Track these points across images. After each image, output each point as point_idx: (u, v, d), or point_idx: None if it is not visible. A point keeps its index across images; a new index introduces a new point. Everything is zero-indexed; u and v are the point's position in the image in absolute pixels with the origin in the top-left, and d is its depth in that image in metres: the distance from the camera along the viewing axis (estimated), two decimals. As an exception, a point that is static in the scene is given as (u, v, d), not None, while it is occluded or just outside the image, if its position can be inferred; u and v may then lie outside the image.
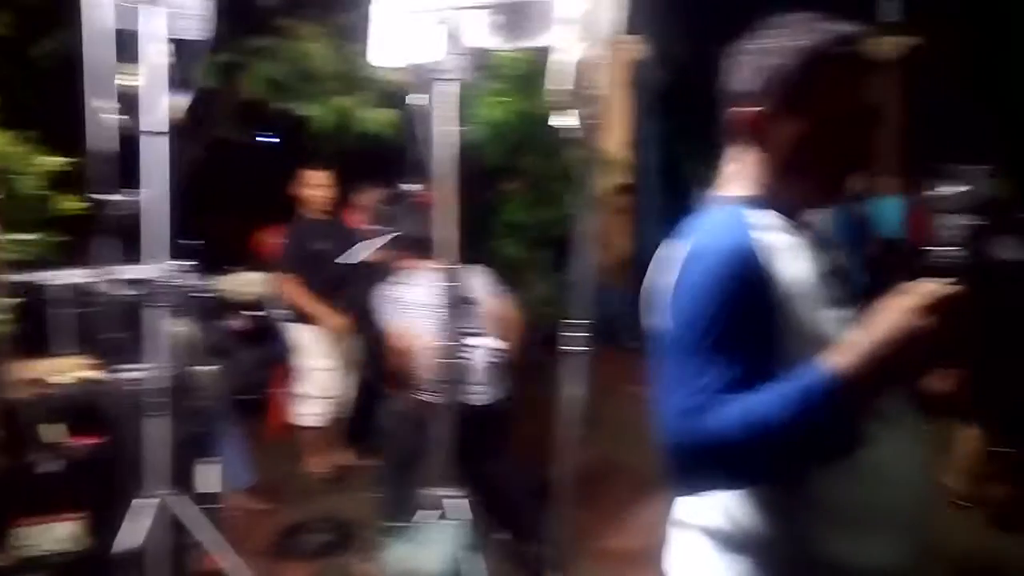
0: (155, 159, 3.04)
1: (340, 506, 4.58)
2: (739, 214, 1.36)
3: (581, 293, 2.62)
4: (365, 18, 3.04)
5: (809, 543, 1.30)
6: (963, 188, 1.19)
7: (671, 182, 9.85)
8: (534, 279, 6.51)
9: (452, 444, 2.83)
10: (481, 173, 6.95)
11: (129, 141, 3.00)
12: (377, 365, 4.16)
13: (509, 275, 7.01)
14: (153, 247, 3.07)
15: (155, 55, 3.06)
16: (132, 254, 3.10)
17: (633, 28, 9.00)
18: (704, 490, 1.34)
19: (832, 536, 1.30)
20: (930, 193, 1.23)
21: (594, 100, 2.50)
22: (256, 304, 5.87)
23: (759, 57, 1.39)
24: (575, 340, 2.64)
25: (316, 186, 5.13)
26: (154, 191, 3.03)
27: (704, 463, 1.21)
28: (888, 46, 10.28)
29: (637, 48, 9.40)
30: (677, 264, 1.33)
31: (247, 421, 4.84)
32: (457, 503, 2.84)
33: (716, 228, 1.35)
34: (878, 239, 7.28)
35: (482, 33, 2.86)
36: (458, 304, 2.90)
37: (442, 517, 2.84)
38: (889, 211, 7.64)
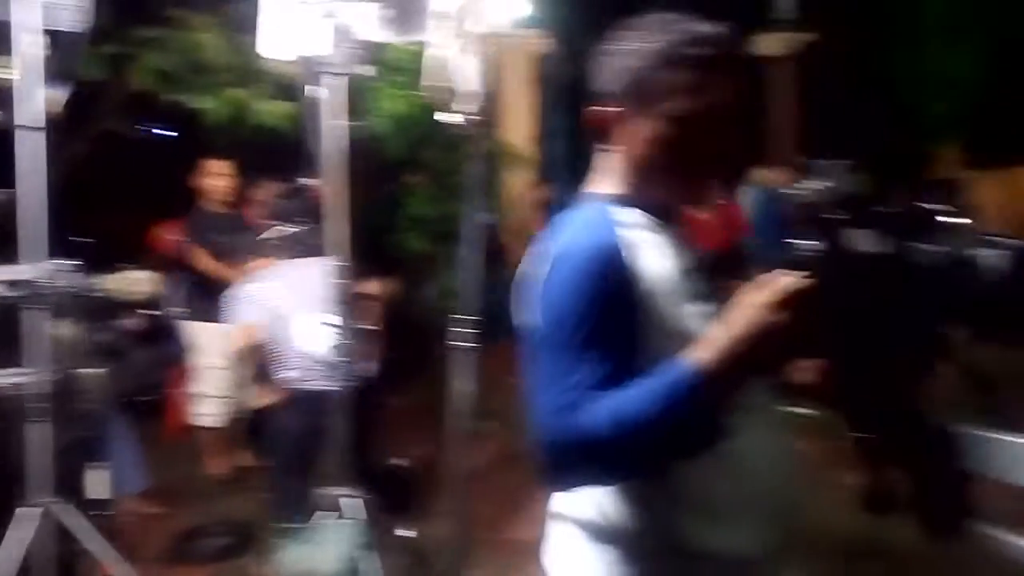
0: (31, 155, 2.92)
1: (239, 508, 4.49)
2: (606, 212, 1.39)
3: (468, 288, 2.63)
4: (256, 8, 2.98)
5: (674, 534, 1.33)
6: (825, 183, 1.23)
7: (579, 176, 9.93)
8: (438, 272, 6.50)
9: (340, 438, 2.81)
10: (384, 166, 6.91)
11: (3, 136, 2.87)
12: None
13: (414, 269, 7.02)
14: (31, 246, 2.95)
15: (30, 47, 2.93)
16: (10, 254, 2.97)
17: (538, 22, 9.07)
18: (579, 486, 1.36)
19: (697, 526, 1.33)
20: (794, 188, 1.26)
21: (478, 96, 2.49)
22: (151, 303, 5.70)
23: (616, 57, 1.40)
24: (463, 335, 2.64)
25: (216, 175, 5.03)
26: (30, 188, 2.91)
27: (577, 460, 1.23)
28: (781, 43, 10.57)
29: (542, 42, 9.45)
30: (545, 262, 1.35)
31: (143, 423, 4.70)
32: (353, 502, 2.82)
33: (582, 226, 1.37)
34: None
35: (372, 26, 2.83)
36: (334, 298, 2.86)
37: (339, 517, 2.82)
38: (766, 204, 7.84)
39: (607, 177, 1.46)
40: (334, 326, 2.87)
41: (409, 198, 7.29)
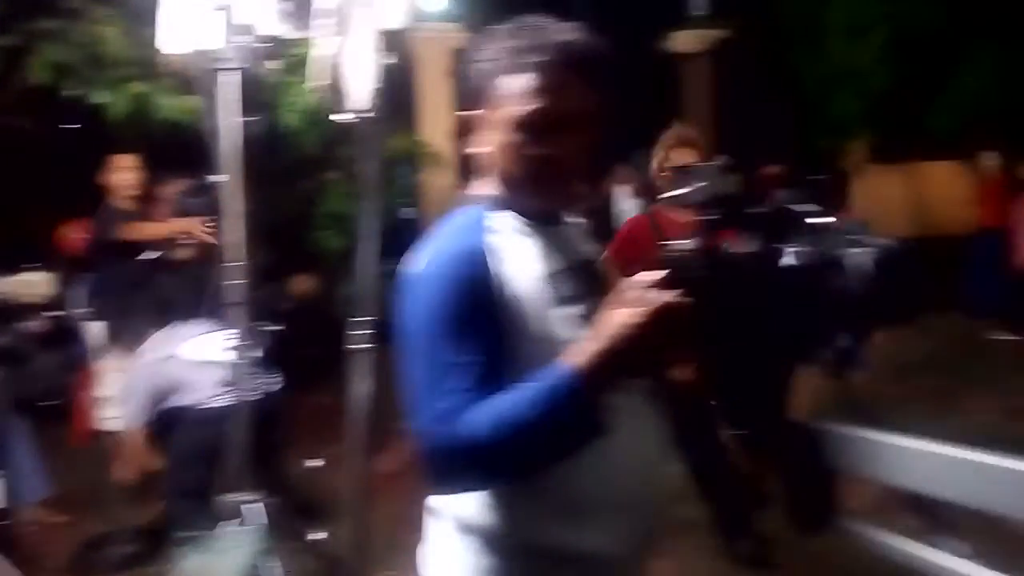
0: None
1: (146, 515, 4.37)
2: (478, 215, 1.39)
3: (366, 289, 2.59)
4: (157, 1, 2.90)
5: (539, 534, 1.34)
6: (699, 183, 1.24)
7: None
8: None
9: (241, 444, 2.75)
10: (299, 163, 6.81)
11: None
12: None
13: (331, 267, 6.93)
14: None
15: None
16: None
17: (455, 15, 9.01)
18: (462, 491, 1.36)
19: (562, 526, 1.34)
20: (671, 189, 1.27)
21: (372, 94, 2.45)
22: (55, 304, 5.52)
23: (480, 61, 1.40)
24: (361, 337, 2.61)
25: (123, 171, 4.88)
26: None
27: (459, 465, 1.24)
28: (695, 41, 10.74)
29: (458, 37, 9.41)
30: (415, 267, 1.35)
31: (47, 428, 4.55)
32: (254, 508, 2.76)
33: (450, 231, 1.38)
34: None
35: (271, 21, 2.78)
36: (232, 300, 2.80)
37: (241, 523, 2.76)
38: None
39: (483, 180, 1.45)
40: (232, 332, 2.81)
41: (325, 195, 7.21)
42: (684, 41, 10.83)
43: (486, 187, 1.44)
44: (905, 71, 10.57)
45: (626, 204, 9.13)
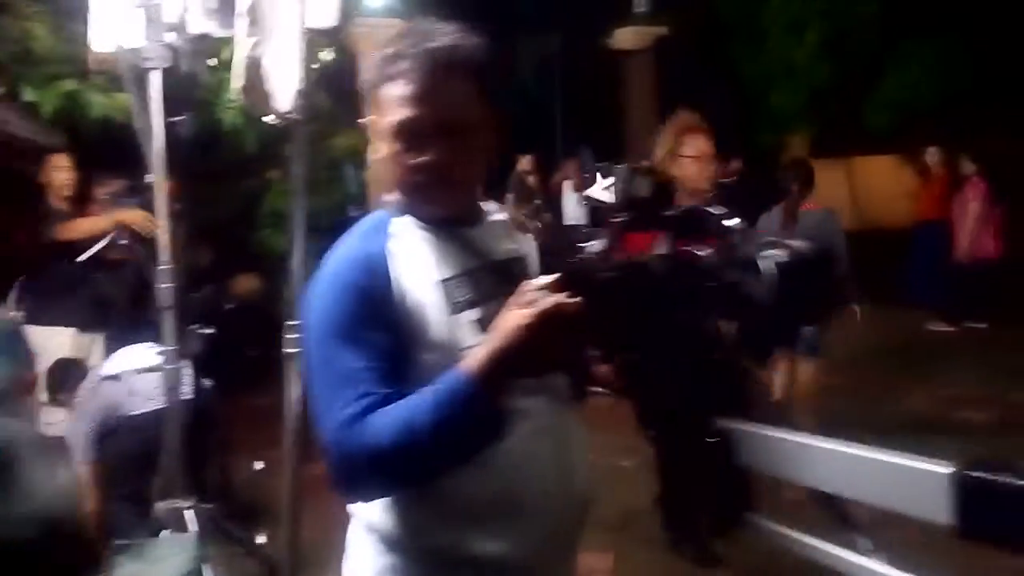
0: None
1: (87, 522, 4.27)
2: (382, 221, 1.39)
3: (299, 291, 2.55)
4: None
5: (440, 536, 1.35)
6: (612, 185, 1.24)
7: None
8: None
9: (176, 450, 2.70)
10: (241, 162, 6.70)
11: None
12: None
13: (274, 266, 6.84)
14: None
15: None
16: None
17: (396, 10, 8.94)
18: (370, 498, 1.36)
19: (461, 531, 1.34)
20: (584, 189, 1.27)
21: (299, 95, 2.41)
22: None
23: (368, 68, 1.40)
24: (295, 340, 2.58)
25: (55, 169, 4.77)
26: None
27: (364, 472, 1.25)
28: (637, 37, 10.79)
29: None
30: (318, 274, 1.35)
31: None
32: (190, 514, 2.72)
33: (354, 236, 1.39)
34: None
35: (198, 19, 2.73)
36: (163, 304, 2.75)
37: (176, 530, 2.72)
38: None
39: (388, 184, 1.44)
40: (165, 336, 2.76)
41: (267, 194, 7.11)
42: (626, 38, 10.87)
43: (389, 192, 1.43)
44: (843, 66, 10.72)
45: (572, 199, 9.18)
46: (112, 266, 4.54)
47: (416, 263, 1.34)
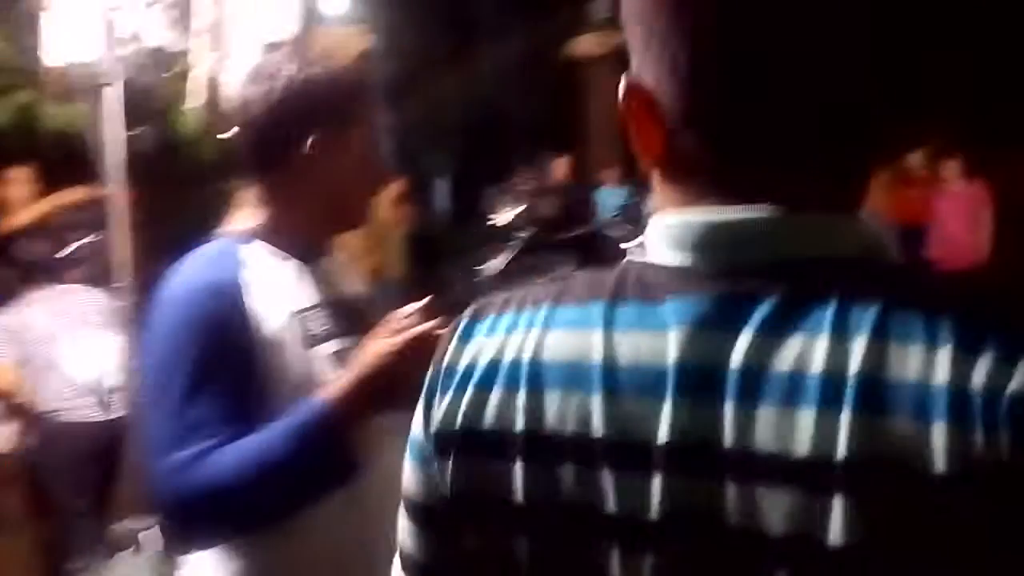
0: None
1: (30, 548, 4.18)
2: (230, 249, 1.28)
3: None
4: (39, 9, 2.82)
5: None
6: (518, 206, 1.22)
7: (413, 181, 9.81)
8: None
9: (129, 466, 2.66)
10: (200, 171, 6.64)
11: None
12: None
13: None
14: None
15: None
16: None
17: (358, 18, 8.91)
18: (207, 545, 1.23)
19: (321, 571, 1.24)
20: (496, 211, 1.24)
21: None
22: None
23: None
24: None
25: (12, 183, 4.69)
26: None
27: (204, 514, 1.15)
28: (596, 44, 10.85)
29: (362, 39, 9.29)
30: (159, 304, 1.24)
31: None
32: (149, 534, 2.67)
33: (200, 262, 1.27)
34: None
35: (157, 31, 2.71)
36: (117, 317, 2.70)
37: (135, 551, 2.68)
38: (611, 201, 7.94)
39: (243, 211, 1.36)
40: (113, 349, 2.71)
41: (227, 203, 7.05)
42: (586, 45, 10.91)
43: (242, 219, 1.34)
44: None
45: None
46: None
47: (271, 293, 1.24)
